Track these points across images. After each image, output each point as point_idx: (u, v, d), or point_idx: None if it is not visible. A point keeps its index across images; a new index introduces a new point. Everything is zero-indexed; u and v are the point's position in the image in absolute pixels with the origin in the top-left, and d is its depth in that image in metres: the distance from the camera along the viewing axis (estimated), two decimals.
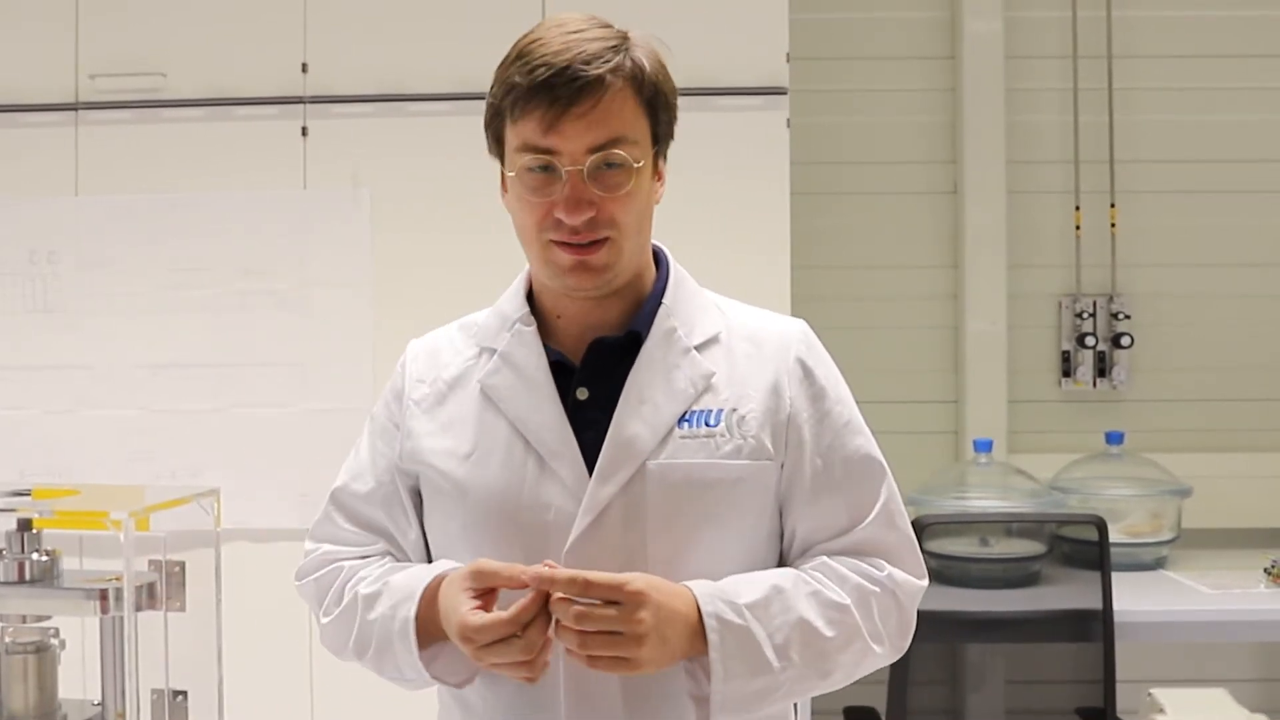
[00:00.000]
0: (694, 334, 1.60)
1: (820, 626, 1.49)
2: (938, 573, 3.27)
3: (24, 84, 3.42)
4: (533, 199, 1.51)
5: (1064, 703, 3.26)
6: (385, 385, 1.72)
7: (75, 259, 3.40)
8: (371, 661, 1.58)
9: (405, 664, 1.53)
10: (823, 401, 1.61)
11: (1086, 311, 3.96)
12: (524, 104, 1.48)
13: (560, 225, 1.50)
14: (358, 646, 1.58)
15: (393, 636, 1.52)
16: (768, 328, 1.66)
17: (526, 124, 1.49)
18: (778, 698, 1.49)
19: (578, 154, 1.48)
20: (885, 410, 3.93)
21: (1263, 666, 3.92)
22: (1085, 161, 4.00)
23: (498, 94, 1.52)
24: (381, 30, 3.40)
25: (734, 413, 1.56)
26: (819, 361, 1.65)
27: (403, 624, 1.51)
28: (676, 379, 1.56)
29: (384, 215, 3.37)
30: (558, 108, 1.46)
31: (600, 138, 1.48)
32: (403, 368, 1.69)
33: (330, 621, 1.62)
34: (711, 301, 1.67)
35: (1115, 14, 3.98)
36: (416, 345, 1.71)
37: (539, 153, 1.49)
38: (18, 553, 1.66)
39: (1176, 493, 3.56)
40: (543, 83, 1.46)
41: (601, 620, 1.39)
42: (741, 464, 1.54)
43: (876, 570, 1.56)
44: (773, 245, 3.37)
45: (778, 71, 3.39)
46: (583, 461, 1.52)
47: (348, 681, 3.00)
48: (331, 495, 1.69)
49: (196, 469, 3.34)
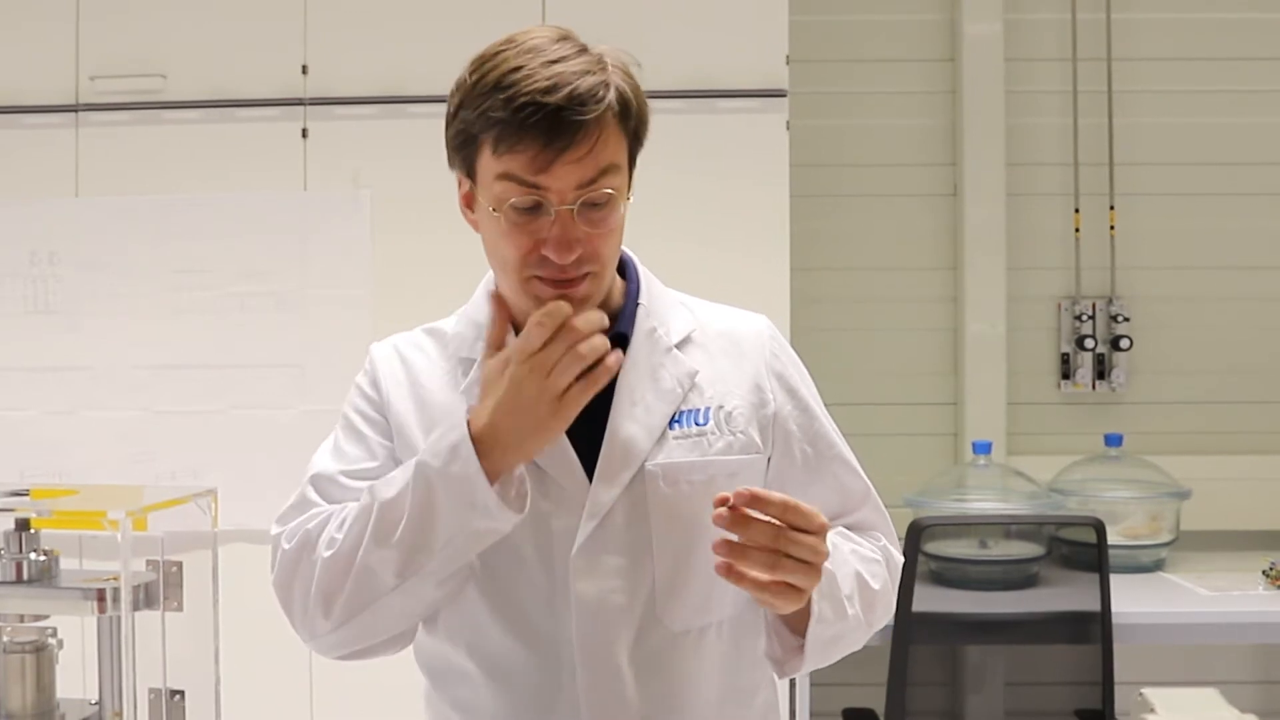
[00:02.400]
0: (671, 334, 1.61)
1: (868, 579, 1.57)
2: (937, 574, 3.28)
3: (24, 85, 3.43)
4: (517, 235, 1.46)
5: (1062, 704, 3.27)
6: (353, 385, 1.65)
7: (75, 260, 3.40)
8: (400, 542, 1.43)
9: (455, 498, 1.41)
10: (799, 393, 1.66)
11: (1086, 314, 3.97)
12: (512, 141, 1.42)
13: (545, 263, 1.46)
14: (379, 532, 1.44)
15: (432, 478, 1.41)
16: (738, 325, 1.68)
17: (514, 160, 1.43)
18: (840, 647, 1.55)
19: (567, 192, 1.44)
20: (884, 412, 3.95)
21: (1261, 668, 3.92)
22: (1084, 164, 4.00)
23: (474, 122, 1.45)
24: (382, 32, 3.40)
25: (720, 409, 1.58)
26: (790, 356, 1.70)
27: (449, 452, 1.41)
28: (663, 379, 1.57)
29: (384, 217, 3.37)
30: (552, 151, 1.42)
31: (590, 174, 1.45)
32: (373, 367, 1.64)
33: (334, 550, 1.47)
34: (678, 300, 1.67)
35: (1115, 17, 3.98)
36: (383, 349, 1.66)
37: (526, 187, 1.44)
38: (15, 552, 1.66)
39: (1175, 495, 3.56)
40: (535, 124, 1.40)
41: (803, 548, 1.37)
42: (734, 459, 1.57)
43: (876, 541, 1.66)
44: (772, 247, 3.38)
45: (777, 74, 3.39)
46: (581, 467, 1.52)
47: (346, 682, 3.01)
48: (311, 480, 1.58)
49: (196, 470, 3.35)
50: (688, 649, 1.54)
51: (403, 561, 1.44)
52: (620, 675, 1.51)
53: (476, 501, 1.40)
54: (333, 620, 1.49)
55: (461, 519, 1.42)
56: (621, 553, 1.51)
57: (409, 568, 1.44)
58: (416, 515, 1.42)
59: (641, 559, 1.52)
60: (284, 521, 1.57)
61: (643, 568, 1.51)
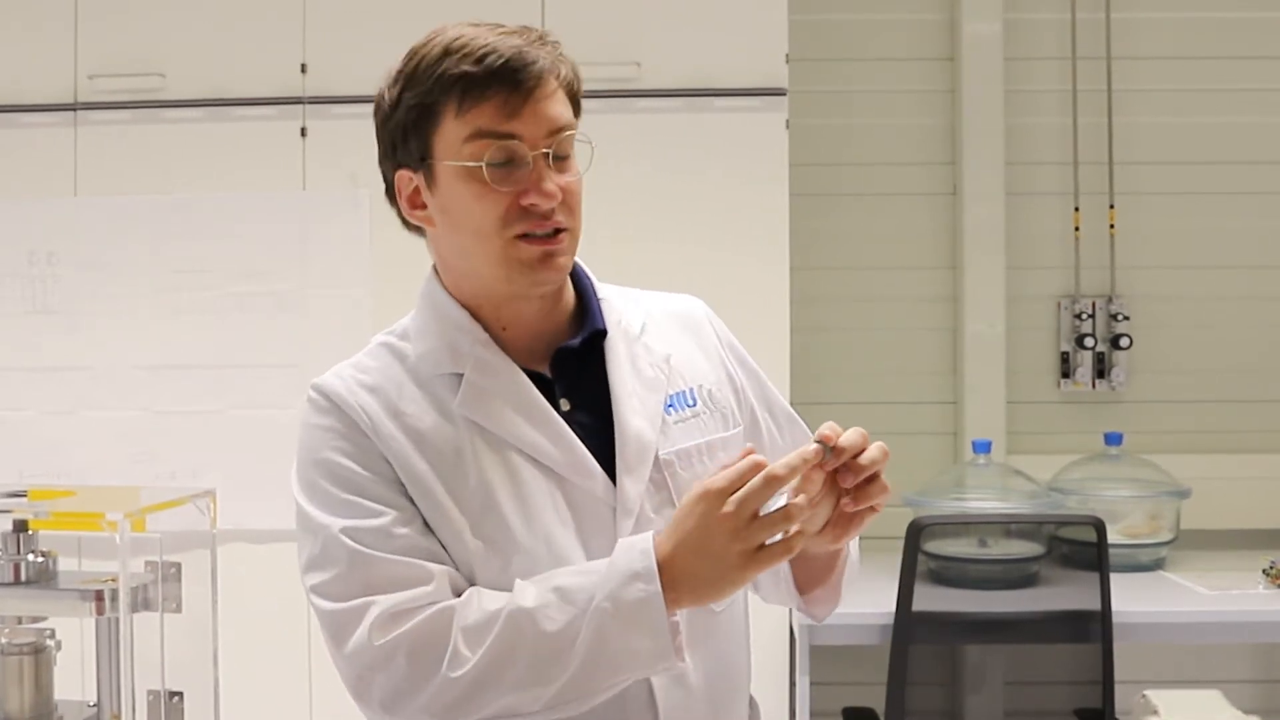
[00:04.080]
0: (633, 324, 1.60)
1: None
2: (936, 574, 3.27)
3: (23, 84, 3.43)
4: (497, 190, 1.43)
5: (1062, 704, 3.26)
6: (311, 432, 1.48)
7: (74, 260, 3.40)
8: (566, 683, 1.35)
9: (636, 655, 1.35)
10: (748, 363, 1.70)
11: (1085, 313, 3.96)
12: (478, 91, 1.42)
13: (526, 215, 1.44)
14: (536, 670, 1.35)
15: (608, 625, 1.34)
16: (681, 307, 1.69)
17: (481, 112, 1.42)
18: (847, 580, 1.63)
19: (539, 138, 1.44)
20: (884, 411, 3.94)
21: (1261, 667, 3.92)
22: (1084, 163, 3.99)
23: (429, 92, 1.44)
24: (380, 31, 3.39)
25: (702, 388, 1.60)
26: (726, 328, 1.72)
27: (636, 606, 1.34)
28: (644, 369, 1.57)
29: (383, 216, 3.34)
30: (521, 93, 1.42)
31: (556, 121, 1.45)
32: (340, 406, 1.48)
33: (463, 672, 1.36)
34: (617, 292, 1.65)
35: (1114, 16, 3.98)
36: (336, 385, 1.50)
37: (501, 140, 1.43)
38: (14, 554, 1.66)
39: (1175, 494, 3.55)
40: (499, 69, 1.41)
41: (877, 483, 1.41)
42: (729, 435, 1.59)
43: None
44: (771, 246, 3.38)
45: (777, 73, 3.39)
46: (601, 468, 1.50)
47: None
48: (338, 539, 1.41)
49: (196, 470, 3.35)
50: (726, 625, 1.56)
51: (556, 699, 1.37)
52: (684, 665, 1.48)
53: (660, 662, 1.36)
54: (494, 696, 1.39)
55: (636, 650, 1.35)
56: None
57: (561, 704, 1.38)
58: (590, 663, 1.36)
59: None
60: (336, 594, 1.41)
61: None
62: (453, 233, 1.50)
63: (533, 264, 1.46)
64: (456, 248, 1.51)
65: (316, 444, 1.48)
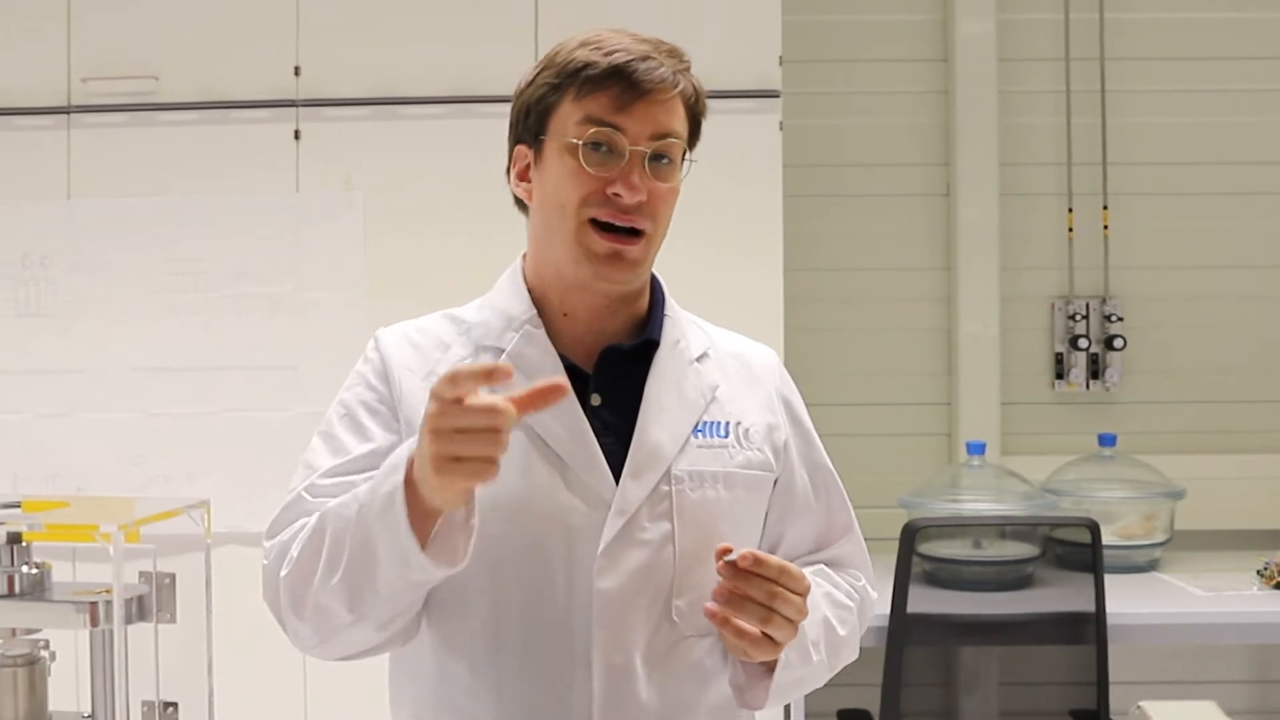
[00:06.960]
0: (691, 348, 1.66)
1: (835, 625, 1.63)
2: (931, 575, 3.28)
3: (16, 87, 3.42)
4: (586, 172, 1.52)
5: (1057, 705, 3.27)
6: (353, 372, 1.63)
7: (68, 262, 3.40)
8: (344, 580, 1.41)
9: (389, 548, 1.36)
10: (803, 423, 1.74)
11: (1079, 314, 3.97)
12: (599, 81, 1.52)
13: (607, 203, 1.52)
14: (328, 563, 1.42)
15: (371, 522, 1.38)
16: (749, 350, 1.75)
17: (596, 100, 1.52)
18: (803, 688, 1.62)
19: (641, 137, 1.52)
20: (878, 413, 3.95)
21: (1255, 669, 3.93)
22: (1078, 164, 4.00)
23: (558, 73, 1.54)
24: (374, 33, 3.39)
25: (739, 425, 1.63)
26: (793, 387, 1.77)
27: (385, 499, 1.36)
28: (687, 389, 1.61)
29: (377, 218, 3.37)
30: (635, 91, 1.51)
31: (664, 128, 1.54)
32: (378, 352, 1.61)
33: (294, 562, 1.47)
34: (691, 320, 1.72)
35: (1108, 16, 3.98)
36: (390, 335, 1.64)
37: (605, 127, 1.52)
38: (7, 566, 1.65)
39: (1169, 495, 3.56)
40: (624, 65, 1.51)
41: (792, 607, 1.44)
42: (753, 474, 1.62)
43: (855, 581, 1.72)
44: (765, 248, 3.37)
45: (770, 74, 3.38)
46: (608, 467, 1.54)
47: (342, 692, 3.00)
48: (308, 487, 1.55)
49: (190, 473, 3.34)
50: (697, 652, 1.57)
51: (351, 599, 1.43)
52: (634, 673, 1.53)
53: (410, 560, 1.36)
54: (312, 639, 1.51)
55: (398, 571, 1.38)
56: (644, 553, 1.53)
57: (358, 607, 1.43)
58: (356, 554, 1.40)
59: (662, 561, 1.54)
60: (272, 531, 1.56)
61: (662, 569, 1.54)
62: (541, 206, 1.58)
63: (602, 257, 1.53)
64: (542, 222, 1.58)
65: (348, 382, 1.63)
